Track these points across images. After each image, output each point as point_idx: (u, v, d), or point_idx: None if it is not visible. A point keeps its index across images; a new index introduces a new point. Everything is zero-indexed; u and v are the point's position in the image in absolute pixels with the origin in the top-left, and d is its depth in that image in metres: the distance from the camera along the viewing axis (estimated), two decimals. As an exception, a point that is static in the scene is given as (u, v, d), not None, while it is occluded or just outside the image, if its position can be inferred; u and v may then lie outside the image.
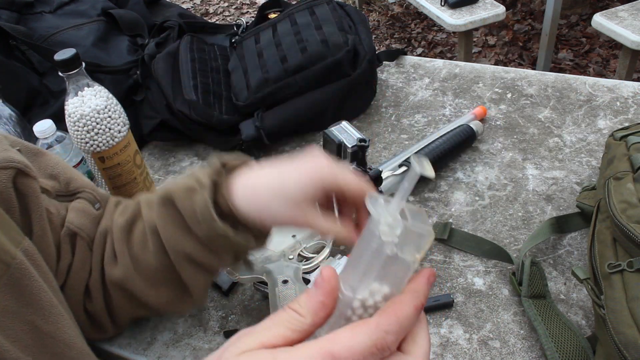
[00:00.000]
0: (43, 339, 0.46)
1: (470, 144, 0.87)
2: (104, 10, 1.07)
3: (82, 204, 0.59)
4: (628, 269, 0.53)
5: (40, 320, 0.46)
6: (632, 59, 1.98)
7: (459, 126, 0.87)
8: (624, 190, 0.59)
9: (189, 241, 0.51)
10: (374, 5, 3.65)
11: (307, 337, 0.28)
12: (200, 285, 0.55)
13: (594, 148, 0.85)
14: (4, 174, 0.47)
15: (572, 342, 0.57)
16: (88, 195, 0.60)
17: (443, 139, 0.84)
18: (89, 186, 0.61)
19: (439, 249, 0.73)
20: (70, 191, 0.59)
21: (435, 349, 0.62)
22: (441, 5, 2.33)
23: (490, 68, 1.07)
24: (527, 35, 3.00)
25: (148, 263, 0.54)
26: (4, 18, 0.96)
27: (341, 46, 0.92)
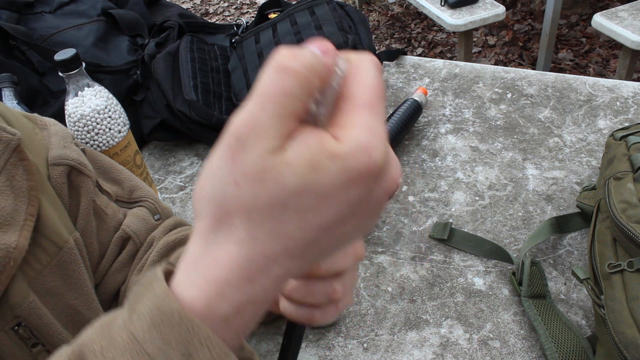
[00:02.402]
0: (83, 324, 0.48)
1: (418, 115, 0.94)
2: (104, 10, 1.07)
3: (143, 212, 0.60)
4: (628, 269, 0.53)
5: (82, 305, 0.49)
6: (632, 59, 1.98)
7: (404, 101, 0.93)
8: (624, 190, 0.59)
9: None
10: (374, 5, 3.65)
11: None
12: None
13: (594, 148, 0.85)
14: (57, 169, 0.51)
15: (572, 342, 0.57)
16: (150, 205, 0.61)
17: (395, 117, 0.89)
18: (152, 197, 0.62)
19: (439, 249, 0.73)
20: (132, 199, 0.60)
21: (435, 349, 0.62)
22: (441, 5, 2.33)
23: (490, 68, 1.07)
24: (527, 35, 3.00)
25: None
26: (4, 18, 0.96)
27: (341, 46, 0.92)
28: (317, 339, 0.64)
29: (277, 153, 0.22)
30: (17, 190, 0.46)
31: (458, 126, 0.94)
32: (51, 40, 0.97)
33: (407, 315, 0.66)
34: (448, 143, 0.90)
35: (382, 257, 0.73)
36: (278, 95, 0.22)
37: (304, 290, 0.33)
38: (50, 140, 0.53)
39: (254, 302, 0.25)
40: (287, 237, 0.24)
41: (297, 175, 0.22)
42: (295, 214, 0.23)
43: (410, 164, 0.87)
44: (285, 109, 0.23)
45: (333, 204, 0.23)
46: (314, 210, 0.23)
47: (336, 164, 0.23)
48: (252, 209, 0.23)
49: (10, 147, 0.46)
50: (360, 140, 0.23)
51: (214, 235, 0.24)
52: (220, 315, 0.24)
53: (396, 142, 0.87)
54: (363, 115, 0.24)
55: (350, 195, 0.24)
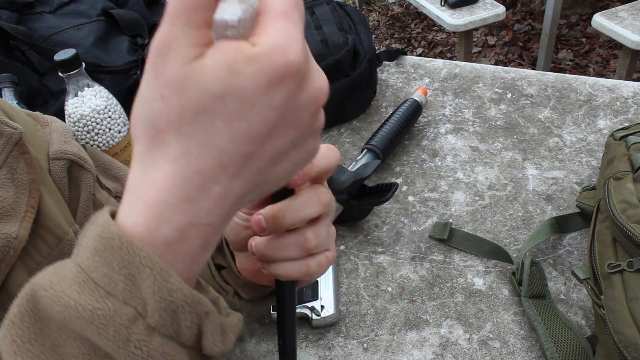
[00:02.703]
0: None
1: (418, 115, 0.93)
2: (104, 10, 1.07)
3: None
4: (628, 269, 0.53)
5: None
6: (632, 59, 1.98)
7: (404, 101, 0.93)
8: (624, 190, 0.59)
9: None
10: (374, 5, 3.65)
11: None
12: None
13: (594, 148, 0.85)
14: (58, 163, 0.52)
15: (572, 342, 0.57)
16: None
17: (395, 117, 0.89)
18: None
19: (439, 249, 0.73)
20: None
21: (435, 349, 0.62)
22: (441, 5, 2.33)
23: (490, 68, 1.07)
24: (527, 35, 3.00)
25: None
26: (4, 18, 0.96)
27: (341, 46, 0.92)
28: (317, 339, 0.64)
29: (196, 60, 0.23)
30: (18, 182, 0.47)
31: (458, 126, 0.94)
32: (51, 40, 0.97)
33: (407, 315, 0.66)
34: (448, 143, 0.90)
35: (382, 257, 0.73)
36: (184, 8, 0.23)
37: (275, 244, 0.33)
38: (52, 136, 0.54)
39: (197, 225, 0.25)
40: (219, 149, 0.24)
41: (216, 80, 0.23)
42: (222, 123, 0.23)
43: (410, 164, 0.87)
44: (193, 19, 0.23)
45: (257, 109, 0.24)
46: (240, 117, 0.23)
47: (252, 66, 0.23)
48: (180, 121, 0.23)
49: (12, 141, 0.47)
50: (274, 42, 0.23)
51: (150, 156, 0.25)
52: (163, 240, 0.24)
53: (396, 142, 0.87)
54: (278, 23, 0.24)
55: (272, 99, 0.24)
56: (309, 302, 0.65)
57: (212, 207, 0.25)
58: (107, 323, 0.23)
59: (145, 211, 0.24)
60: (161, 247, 0.24)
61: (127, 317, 0.24)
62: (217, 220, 0.25)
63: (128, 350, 0.24)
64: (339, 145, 0.93)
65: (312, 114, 0.26)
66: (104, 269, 0.24)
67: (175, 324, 0.25)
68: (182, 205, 0.24)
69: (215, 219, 0.25)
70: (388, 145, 0.85)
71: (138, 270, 0.24)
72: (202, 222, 0.25)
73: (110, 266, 0.24)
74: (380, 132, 0.86)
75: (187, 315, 0.25)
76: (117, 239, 0.24)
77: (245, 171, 0.25)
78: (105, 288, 0.24)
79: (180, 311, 0.25)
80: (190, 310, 0.25)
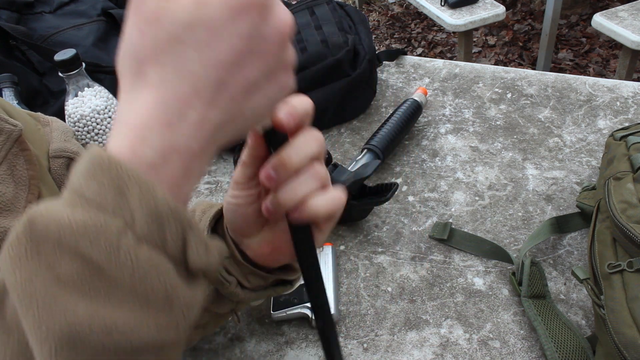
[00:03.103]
0: None
1: (418, 115, 0.93)
2: (104, 10, 1.07)
3: None
4: (628, 269, 0.53)
5: None
6: (632, 59, 1.98)
7: (404, 101, 0.92)
8: (624, 191, 0.59)
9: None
10: (374, 5, 3.65)
11: None
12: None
13: (594, 148, 0.85)
14: (57, 161, 0.53)
15: (572, 342, 0.57)
16: None
17: (395, 117, 0.89)
18: None
19: (439, 249, 0.73)
20: None
21: (435, 349, 0.62)
22: (441, 5, 2.33)
23: (490, 68, 1.07)
24: (527, 35, 3.00)
25: None
26: (4, 18, 0.96)
27: (341, 46, 0.92)
28: (317, 339, 0.64)
29: None
30: (18, 178, 0.47)
31: (458, 126, 0.94)
32: (51, 40, 0.97)
33: (407, 315, 0.66)
34: (448, 143, 0.90)
35: (382, 257, 0.73)
36: None
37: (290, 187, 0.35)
38: (52, 135, 0.54)
39: (177, 150, 0.27)
40: (192, 75, 0.26)
41: (186, 11, 0.26)
42: (193, 50, 0.26)
43: (410, 164, 0.87)
44: None
45: (224, 37, 0.26)
46: (209, 44, 0.26)
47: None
48: (156, 51, 0.26)
49: (12, 138, 0.47)
50: None
51: (133, 88, 0.27)
52: (146, 162, 0.27)
53: (396, 142, 0.87)
54: None
55: (238, 27, 0.26)
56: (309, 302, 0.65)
57: (191, 132, 0.27)
58: (98, 235, 0.25)
59: (129, 135, 0.27)
60: (145, 169, 0.26)
61: (117, 228, 0.25)
62: (196, 146, 0.28)
63: (118, 260, 0.25)
64: (339, 145, 0.93)
65: (279, 45, 0.29)
66: (94, 187, 0.26)
67: (161, 232, 0.26)
68: (163, 130, 0.27)
69: (194, 144, 0.27)
70: (388, 145, 0.85)
71: (126, 184, 0.26)
72: (182, 146, 0.27)
73: (101, 184, 0.26)
74: (380, 132, 0.86)
75: (172, 225, 0.27)
76: (107, 160, 0.26)
77: (219, 99, 0.27)
78: (96, 203, 0.25)
79: (166, 220, 0.26)
80: (175, 220, 0.27)
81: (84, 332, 0.24)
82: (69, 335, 0.24)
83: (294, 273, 0.50)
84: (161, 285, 0.26)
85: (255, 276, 0.47)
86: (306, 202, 0.36)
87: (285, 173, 0.35)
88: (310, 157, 0.35)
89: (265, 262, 0.46)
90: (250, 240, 0.45)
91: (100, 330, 0.25)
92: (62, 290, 0.25)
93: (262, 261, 0.45)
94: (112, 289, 0.25)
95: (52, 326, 0.24)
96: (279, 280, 0.49)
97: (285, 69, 0.30)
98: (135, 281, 0.26)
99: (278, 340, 0.65)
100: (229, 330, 0.67)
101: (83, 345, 0.24)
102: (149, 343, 0.26)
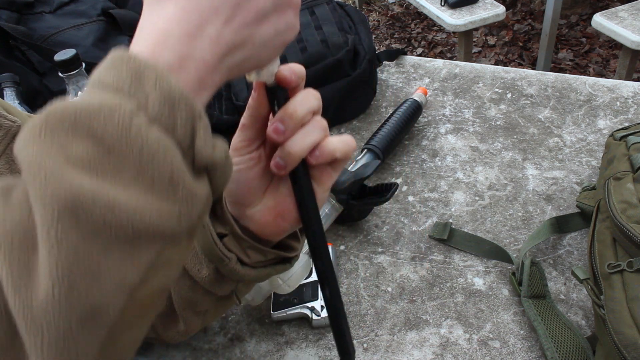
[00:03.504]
0: None
1: (418, 115, 0.93)
2: (104, 10, 1.07)
3: None
4: (628, 269, 0.53)
5: None
6: (632, 59, 1.98)
7: (404, 101, 0.93)
8: (624, 191, 0.59)
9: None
10: (374, 5, 3.65)
11: None
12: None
13: (594, 148, 0.85)
14: None
15: (572, 342, 0.58)
16: None
17: (395, 117, 0.89)
18: None
19: (439, 249, 0.73)
20: None
21: (435, 349, 0.62)
22: (441, 5, 2.33)
23: (490, 68, 1.07)
24: (527, 35, 3.00)
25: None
26: (4, 18, 0.96)
27: (341, 46, 0.92)
28: (317, 339, 0.64)
29: None
30: (16, 173, 0.47)
31: (458, 126, 0.94)
32: (51, 40, 0.97)
33: (407, 315, 0.66)
34: (448, 143, 0.90)
35: (382, 257, 0.73)
36: None
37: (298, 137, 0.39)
38: None
39: (194, 59, 0.30)
40: None
41: None
42: None
43: (410, 164, 0.87)
44: None
45: None
46: None
47: None
48: None
49: (11, 133, 0.48)
50: None
51: (157, 2, 0.30)
52: (164, 64, 0.29)
53: (396, 142, 0.87)
54: None
55: None
56: (309, 302, 0.65)
57: (207, 45, 0.30)
58: (112, 113, 0.26)
59: (150, 39, 0.30)
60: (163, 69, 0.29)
61: (131, 108, 0.27)
62: (210, 59, 0.31)
63: (129, 137, 0.26)
64: (339, 145, 0.93)
65: None
66: (113, 74, 0.28)
67: (172, 116, 0.28)
68: (183, 38, 0.29)
69: (209, 57, 0.30)
70: (388, 145, 0.85)
71: (143, 72, 0.28)
72: (198, 57, 0.30)
73: (119, 72, 0.28)
74: (380, 132, 0.86)
75: (183, 110, 0.28)
76: (127, 55, 0.28)
77: (234, 20, 0.31)
78: (113, 87, 0.27)
79: (177, 104, 0.28)
80: (186, 106, 0.28)
81: (86, 202, 0.25)
82: (73, 202, 0.25)
83: (293, 250, 0.50)
84: (167, 167, 0.27)
85: (255, 251, 0.47)
86: (321, 145, 0.40)
87: (293, 124, 0.38)
88: (312, 111, 0.39)
89: (269, 232, 0.46)
90: (252, 210, 0.45)
91: (104, 204, 0.25)
92: (71, 168, 0.26)
93: (265, 232, 0.46)
94: (119, 171, 0.26)
95: (57, 192, 0.25)
96: (279, 259, 0.49)
97: (292, 6, 0.34)
98: (143, 161, 0.27)
99: (278, 340, 0.65)
100: (229, 330, 0.67)
101: (85, 216, 0.25)
102: (149, 229, 0.27)
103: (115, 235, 0.26)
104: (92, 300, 0.25)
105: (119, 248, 0.26)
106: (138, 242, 0.27)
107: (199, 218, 0.30)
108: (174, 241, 0.29)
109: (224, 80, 0.34)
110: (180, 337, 0.56)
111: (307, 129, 0.39)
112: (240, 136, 0.42)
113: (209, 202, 0.32)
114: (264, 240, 0.47)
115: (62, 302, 0.24)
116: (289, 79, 0.38)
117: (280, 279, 0.59)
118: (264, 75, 0.37)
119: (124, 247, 0.26)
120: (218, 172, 0.32)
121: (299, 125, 0.39)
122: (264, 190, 0.44)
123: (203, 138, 0.30)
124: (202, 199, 0.30)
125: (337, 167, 0.43)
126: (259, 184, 0.43)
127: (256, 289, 0.63)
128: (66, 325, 0.25)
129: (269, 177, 0.45)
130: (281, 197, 0.44)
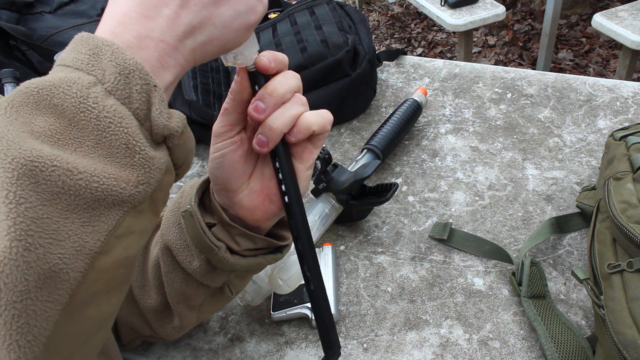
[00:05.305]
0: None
1: (418, 115, 0.93)
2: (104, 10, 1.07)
3: None
4: (628, 269, 0.53)
5: None
6: (632, 59, 1.98)
7: (404, 101, 0.92)
8: (623, 191, 0.59)
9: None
10: (374, 5, 3.65)
11: None
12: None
13: (594, 148, 0.85)
14: None
15: (572, 342, 0.58)
16: None
17: (395, 117, 0.89)
18: None
19: (439, 249, 0.73)
20: None
21: (435, 349, 0.62)
22: (441, 5, 2.33)
23: (490, 68, 1.07)
24: (527, 35, 3.00)
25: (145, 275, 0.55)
26: (4, 18, 0.96)
27: (341, 46, 0.92)
28: (316, 339, 0.64)
29: None
30: None
31: (458, 126, 0.94)
32: (51, 41, 0.97)
33: (407, 315, 0.66)
34: (448, 143, 0.90)
35: (382, 257, 0.73)
36: None
37: (280, 112, 0.40)
38: None
39: (152, 38, 0.32)
40: None
41: None
42: None
43: (410, 164, 0.87)
44: None
45: None
46: None
47: None
48: None
49: None
50: None
51: None
52: (124, 41, 0.31)
53: (396, 142, 0.87)
54: None
55: None
56: (309, 302, 0.65)
57: (165, 26, 0.32)
58: (71, 86, 0.29)
59: (110, 21, 0.32)
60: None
61: (89, 81, 0.29)
62: (170, 39, 0.32)
63: (87, 108, 0.28)
64: (339, 145, 0.93)
65: None
66: (74, 55, 0.30)
67: (128, 88, 0.30)
68: (140, 18, 0.32)
69: (168, 37, 0.32)
70: (388, 145, 0.85)
71: (100, 49, 0.30)
72: (157, 36, 0.32)
73: (79, 52, 0.30)
74: (380, 132, 0.86)
75: (137, 82, 0.30)
76: (86, 37, 0.31)
77: (190, 1, 0.33)
78: (73, 66, 0.30)
79: (132, 76, 0.30)
80: (141, 77, 0.30)
81: (46, 165, 0.26)
82: (32, 165, 0.26)
83: (284, 239, 0.50)
84: (123, 135, 0.29)
85: (244, 238, 0.47)
86: (299, 120, 0.40)
87: (273, 102, 0.39)
88: (292, 90, 0.40)
89: (259, 216, 0.46)
90: (240, 195, 0.45)
91: (63, 169, 0.27)
92: (34, 139, 0.27)
93: (255, 217, 0.46)
94: (80, 141, 0.28)
95: (17, 156, 0.26)
96: (270, 248, 0.49)
97: None
98: (100, 129, 0.29)
99: (278, 340, 0.65)
100: (229, 331, 0.67)
101: (44, 178, 0.26)
102: (107, 194, 0.28)
103: (74, 199, 0.27)
104: (51, 262, 0.26)
105: (79, 213, 0.27)
106: (97, 207, 0.28)
107: (159, 186, 0.31)
108: (134, 209, 0.30)
109: (192, 62, 0.35)
110: (176, 332, 0.56)
111: (288, 105, 0.40)
112: (223, 121, 0.43)
113: (171, 172, 0.33)
114: (255, 227, 0.47)
115: (20, 261, 0.25)
116: (267, 65, 0.39)
117: (280, 279, 0.59)
118: (240, 59, 0.39)
119: (83, 212, 0.27)
120: (176, 141, 0.33)
121: (279, 103, 0.40)
122: (249, 174, 0.45)
123: (159, 108, 0.31)
124: (160, 166, 0.31)
125: (316, 143, 0.44)
126: (243, 167, 0.44)
127: (256, 289, 0.63)
128: (24, 285, 0.25)
129: (252, 161, 0.45)
130: (266, 180, 0.45)
